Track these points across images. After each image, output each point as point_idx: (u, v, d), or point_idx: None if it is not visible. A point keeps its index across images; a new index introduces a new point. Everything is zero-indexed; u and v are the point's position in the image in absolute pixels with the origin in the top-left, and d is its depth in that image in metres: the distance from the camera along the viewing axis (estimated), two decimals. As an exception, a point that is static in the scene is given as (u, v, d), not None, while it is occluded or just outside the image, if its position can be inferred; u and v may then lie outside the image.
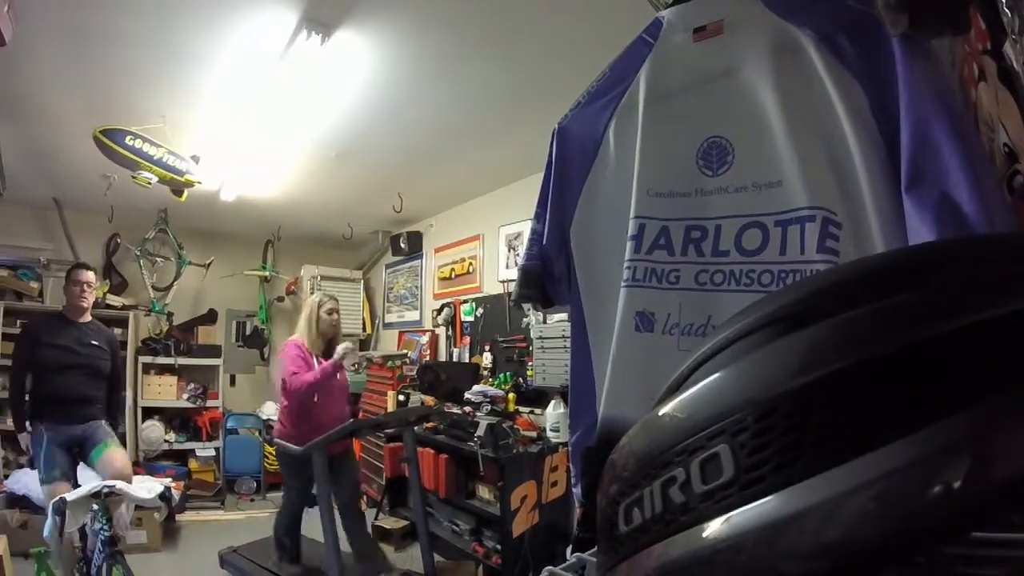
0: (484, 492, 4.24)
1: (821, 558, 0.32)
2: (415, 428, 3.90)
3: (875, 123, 0.96)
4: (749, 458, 0.36)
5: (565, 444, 3.70)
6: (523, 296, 1.51)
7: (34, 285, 6.19)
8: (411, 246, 6.46)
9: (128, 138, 3.84)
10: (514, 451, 3.89)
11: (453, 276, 5.75)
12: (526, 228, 4.27)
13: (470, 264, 5.49)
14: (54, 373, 3.71)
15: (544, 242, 1.42)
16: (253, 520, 5.64)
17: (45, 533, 2.92)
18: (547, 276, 1.45)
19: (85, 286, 3.93)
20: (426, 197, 5.63)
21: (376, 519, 4.99)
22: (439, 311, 5.79)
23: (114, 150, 3.82)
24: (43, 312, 3.58)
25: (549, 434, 4.08)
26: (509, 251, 4.89)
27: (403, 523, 4.91)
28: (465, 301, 5.48)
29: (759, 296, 0.89)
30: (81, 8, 2.82)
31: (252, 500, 6.33)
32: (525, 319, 4.55)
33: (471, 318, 5.35)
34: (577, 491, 1.32)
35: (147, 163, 3.97)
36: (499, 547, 3.98)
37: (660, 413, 0.46)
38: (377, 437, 5.40)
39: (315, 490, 3.46)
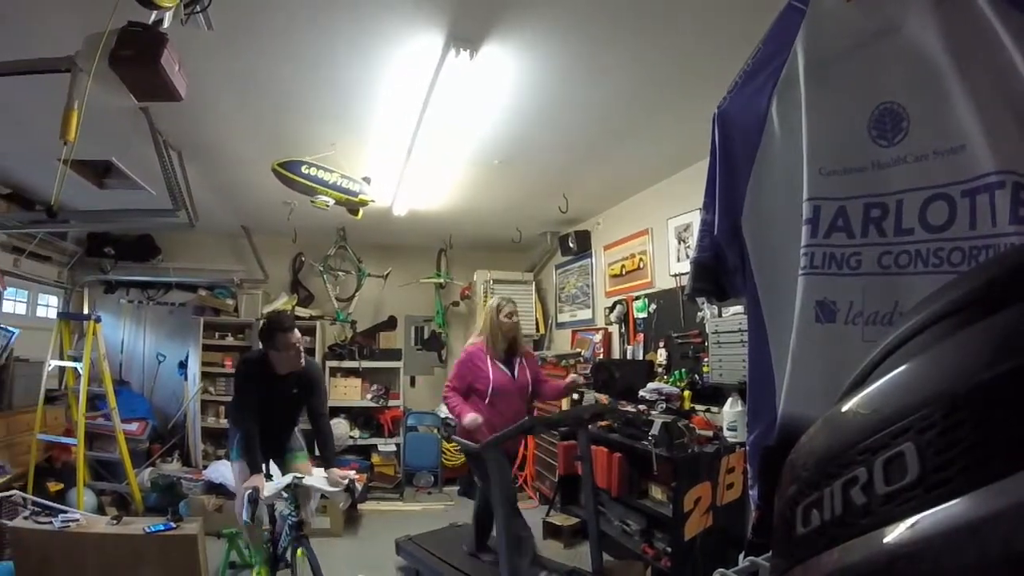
0: (657, 492, 4.17)
1: (1014, 569, 0.28)
2: (589, 426, 3.90)
3: None
4: (936, 457, 0.32)
5: (743, 444, 3.51)
6: (696, 290, 1.47)
7: (229, 302, 7.19)
8: (580, 245, 6.47)
9: (304, 167, 4.20)
10: (689, 451, 3.79)
11: (624, 273, 5.69)
12: (695, 219, 4.16)
13: (640, 259, 5.40)
14: (255, 417, 3.58)
15: (715, 232, 1.37)
16: (429, 512, 5.96)
17: (244, 517, 3.26)
18: (720, 268, 1.41)
19: (293, 350, 3.52)
20: (591, 195, 5.62)
21: (547, 516, 5.06)
22: (611, 309, 5.74)
23: (292, 179, 4.20)
24: (253, 356, 3.67)
25: (726, 433, 3.92)
26: (679, 244, 4.74)
27: (573, 520, 4.93)
28: (637, 297, 5.39)
29: (949, 277, 0.80)
30: (248, 60, 3.19)
31: (429, 493, 6.68)
32: (700, 313, 4.39)
33: (644, 314, 5.26)
34: (754, 493, 1.26)
35: (323, 188, 4.32)
36: (669, 549, 3.89)
37: (843, 409, 0.43)
38: (551, 435, 5.48)
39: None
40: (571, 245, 6.51)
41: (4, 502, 3.65)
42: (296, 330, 3.58)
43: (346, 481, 3.42)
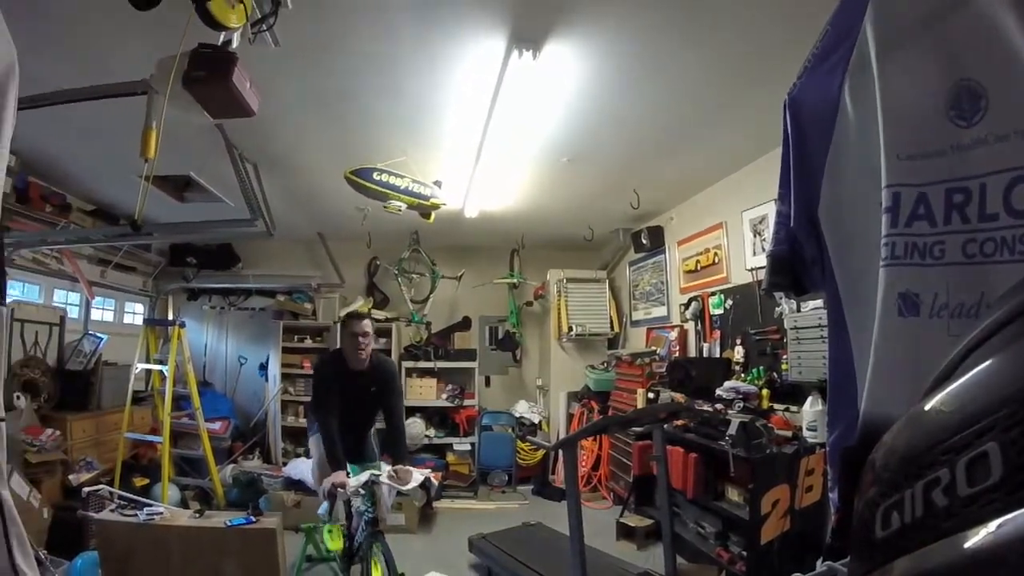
0: (733, 494, 4.02)
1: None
2: (664, 426, 3.83)
3: None
4: (1020, 457, 0.29)
5: (823, 445, 3.37)
6: (773, 284, 1.42)
7: (307, 306, 7.52)
8: (653, 241, 6.37)
9: (375, 174, 4.30)
10: (767, 451, 3.65)
11: (699, 268, 5.56)
12: (770, 210, 4.03)
13: (715, 254, 5.27)
14: (334, 415, 3.68)
15: (791, 224, 1.32)
16: (503, 510, 5.96)
17: (319, 512, 3.36)
18: (798, 261, 1.35)
19: (360, 339, 3.61)
20: (662, 190, 5.53)
21: (621, 516, 4.99)
22: (686, 305, 5.63)
23: (365, 186, 4.30)
24: (329, 355, 3.85)
25: (806, 433, 3.75)
26: (755, 236, 4.60)
27: (647, 522, 4.85)
28: (713, 293, 5.27)
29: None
30: (315, 73, 3.32)
31: (503, 492, 6.67)
32: (777, 309, 4.24)
33: (720, 311, 5.14)
34: (833, 496, 1.20)
35: (395, 193, 4.42)
36: (745, 553, 3.77)
37: (926, 408, 0.41)
38: (626, 434, 5.40)
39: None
40: (644, 241, 6.43)
41: (92, 496, 3.86)
42: (367, 320, 3.70)
43: (422, 478, 3.47)
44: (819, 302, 3.47)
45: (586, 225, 6.79)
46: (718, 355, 5.05)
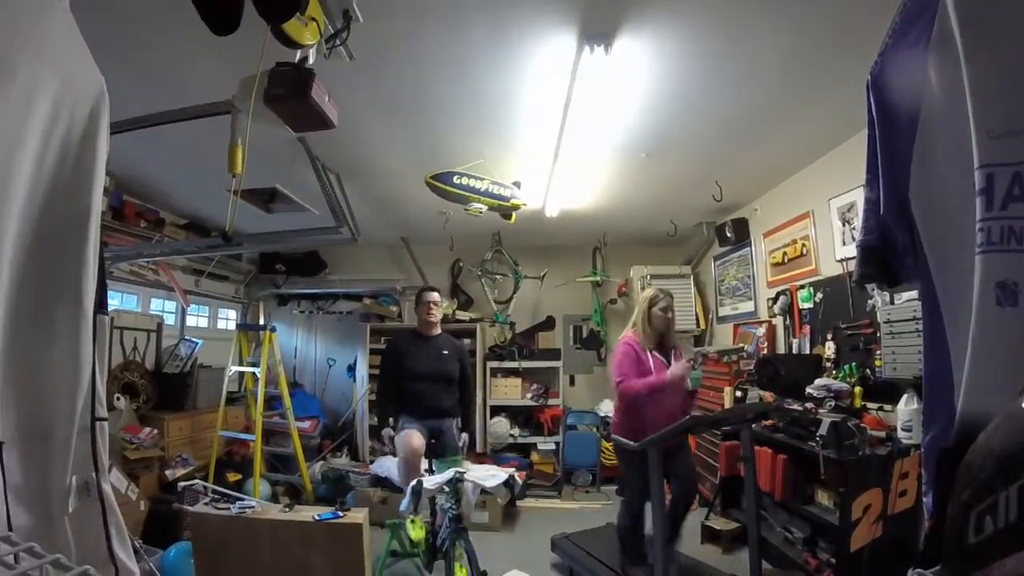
0: (823, 498, 3.81)
1: None
2: (752, 426, 3.68)
3: None
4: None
5: (918, 446, 3.17)
6: (864, 275, 1.36)
7: (393, 308, 7.73)
8: (737, 234, 6.17)
9: (455, 177, 4.37)
10: (860, 453, 3.43)
11: (786, 260, 5.34)
12: (859, 197, 3.83)
13: (803, 245, 5.05)
14: (412, 381, 4.35)
15: (881, 211, 1.25)
16: (587, 510, 5.95)
17: (401, 507, 3.43)
18: (889, 250, 1.29)
19: (431, 305, 4.58)
20: (745, 181, 5.34)
21: (706, 519, 4.87)
22: (774, 300, 5.42)
23: (445, 190, 4.37)
24: (401, 329, 4.25)
25: (900, 434, 3.50)
26: (844, 225, 4.36)
27: (733, 525, 4.72)
28: (802, 287, 5.05)
29: None
30: (391, 83, 3.40)
31: (587, 492, 6.66)
32: (870, 301, 4.01)
33: (809, 304, 4.91)
34: (928, 500, 1.12)
35: (475, 195, 4.47)
36: (833, 560, 3.56)
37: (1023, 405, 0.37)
38: (713, 435, 5.25)
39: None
40: (728, 234, 6.22)
41: (187, 490, 4.06)
42: (436, 292, 4.69)
43: (505, 475, 3.52)
44: (914, 293, 3.25)
45: (668, 220, 6.64)
46: (808, 351, 4.84)
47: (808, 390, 4.17)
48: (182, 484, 4.23)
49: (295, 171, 4.64)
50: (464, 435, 4.50)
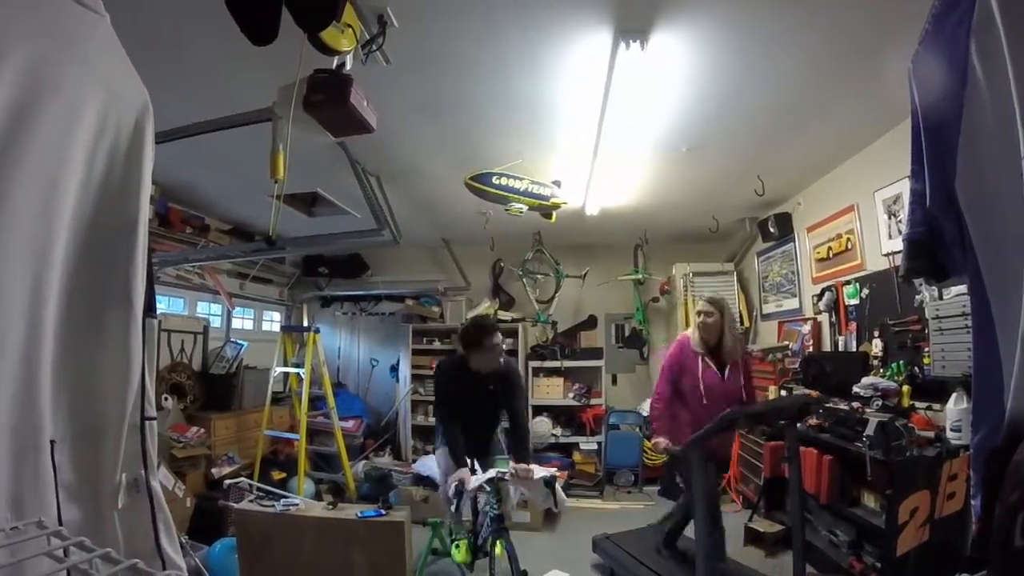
0: (869, 500, 3.70)
1: None
2: (798, 424, 3.58)
3: None
4: None
5: (967, 447, 3.06)
6: (911, 270, 1.33)
7: (435, 309, 7.80)
8: (781, 229, 6.04)
9: (495, 178, 4.38)
10: (907, 454, 3.32)
11: (831, 256, 5.21)
12: (905, 189, 3.70)
13: (848, 239, 4.91)
14: (459, 416, 3.84)
15: (928, 203, 1.22)
16: (628, 511, 5.89)
17: (449, 507, 3.41)
18: (936, 243, 1.25)
19: (496, 350, 3.76)
20: (787, 174, 5.24)
21: (750, 521, 4.77)
22: (819, 296, 5.28)
23: (485, 191, 4.39)
24: (448, 360, 3.99)
25: (949, 434, 3.38)
26: (889, 218, 4.23)
27: (777, 527, 4.60)
28: (847, 282, 4.90)
29: None
30: (427, 86, 3.44)
31: (629, 492, 6.60)
32: (917, 296, 3.87)
33: (855, 301, 4.77)
34: (976, 503, 1.08)
35: (515, 195, 4.48)
36: (879, 565, 3.46)
37: None
38: (757, 434, 5.16)
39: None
40: (771, 229, 6.10)
41: (232, 487, 4.17)
42: (497, 332, 3.83)
43: (546, 474, 3.49)
44: (963, 288, 3.13)
45: (710, 216, 6.54)
46: (854, 349, 4.71)
47: (855, 389, 4.06)
48: (228, 482, 4.35)
49: (336, 175, 4.71)
50: (546, 473, 3.73)
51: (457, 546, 3.80)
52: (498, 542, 3.40)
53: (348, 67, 2.57)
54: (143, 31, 2.63)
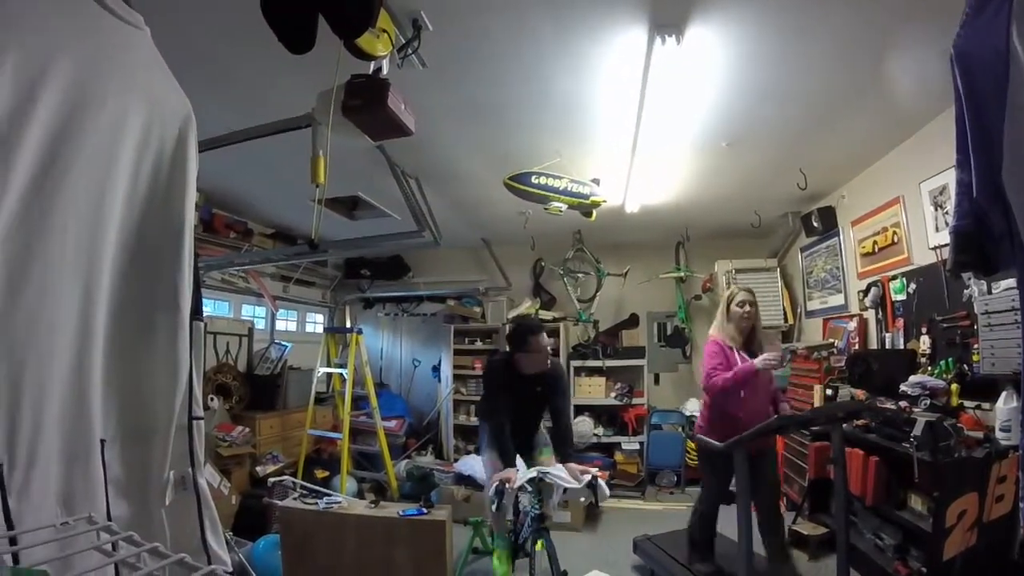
0: (916, 502, 3.55)
1: None
2: (843, 426, 3.48)
3: None
4: None
5: (1016, 448, 2.98)
6: (959, 264, 1.30)
7: (476, 309, 7.85)
8: (824, 223, 5.90)
9: (534, 177, 4.37)
10: (955, 455, 3.19)
11: (876, 250, 5.06)
12: (951, 179, 3.58)
13: (893, 233, 4.76)
14: (505, 416, 3.81)
15: (974, 194, 1.19)
16: (670, 511, 5.81)
17: (491, 506, 3.42)
18: (984, 235, 1.22)
19: (544, 351, 3.73)
20: (830, 167, 5.11)
21: (794, 523, 4.65)
22: (865, 292, 5.14)
23: (524, 190, 4.39)
24: (498, 360, 3.95)
25: (998, 435, 3.25)
26: (936, 210, 4.09)
27: (821, 530, 4.48)
28: (894, 277, 4.76)
29: None
30: (464, 87, 3.47)
31: (671, 493, 6.52)
32: (966, 291, 3.74)
33: (902, 296, 4.62)
34: (1024, 507, 1.05)
35: (555, 194, 4.46)
36: (924, 570, 3.31)
37: None
38: (802, 435, 5.04)
39: (733, 487, 3.38)
40: (815, 224, 5.97)
41: (276, 486, 4.24)
42: (544, 333, 3.79)
43: (588, 477, 3.47)
44: (1012, 282, 3.02)
45: (752, 211, 6.44)
46: (901, 346, 4.57)
47: (902, 387, 3.92)
48: (272, 480, 4.43)
49: (376, 178, 4.78)
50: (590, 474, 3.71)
51: (499, 558, 3.77)
52: (539, 542, 3.40)
53: (385, 72, 2.60)
54: (185, 45, 2.70)
